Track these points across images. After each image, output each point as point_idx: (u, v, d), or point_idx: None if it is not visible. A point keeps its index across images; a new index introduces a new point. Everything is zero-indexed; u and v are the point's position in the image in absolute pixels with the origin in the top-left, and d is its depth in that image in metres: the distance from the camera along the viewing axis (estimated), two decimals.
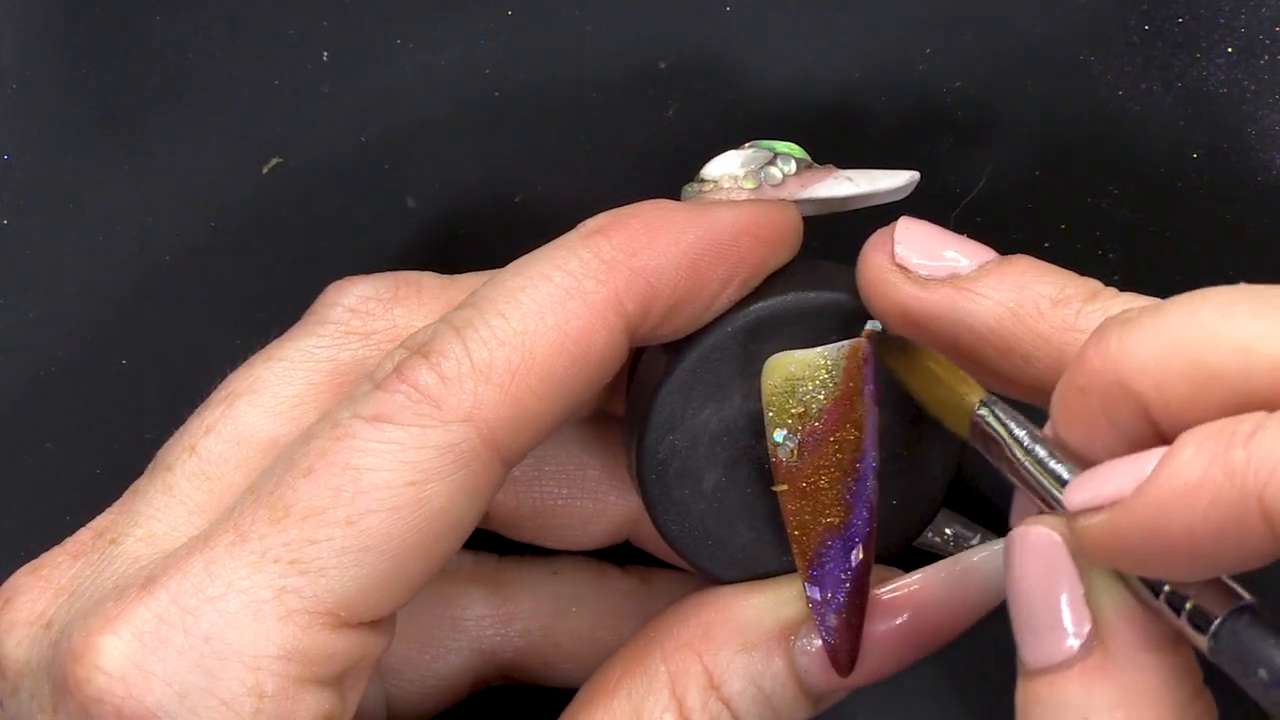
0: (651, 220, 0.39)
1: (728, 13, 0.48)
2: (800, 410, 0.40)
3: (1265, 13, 0.47)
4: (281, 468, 0.38)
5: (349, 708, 0.39)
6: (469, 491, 0.38)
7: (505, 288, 0.38)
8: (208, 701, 0.36)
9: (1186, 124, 0.47)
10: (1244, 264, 0.47)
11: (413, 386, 0.37)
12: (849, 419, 0.40)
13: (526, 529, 0.47)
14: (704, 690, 0.41)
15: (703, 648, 0.41)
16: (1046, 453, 0.36)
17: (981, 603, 0.41)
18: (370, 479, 0.37)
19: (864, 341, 0.40)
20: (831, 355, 0.40)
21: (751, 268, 0.40)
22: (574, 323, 0.38)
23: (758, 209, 0.41)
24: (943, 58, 0.48)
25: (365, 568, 0.37)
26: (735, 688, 0.41)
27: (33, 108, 0.50)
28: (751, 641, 0.41)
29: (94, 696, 0.36)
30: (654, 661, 0.41)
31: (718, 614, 0.41)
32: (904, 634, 0.41)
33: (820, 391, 0.40)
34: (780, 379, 0.40)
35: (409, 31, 0.49)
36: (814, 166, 0.42)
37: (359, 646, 0.38)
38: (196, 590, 0.37)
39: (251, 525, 0.37)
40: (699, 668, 0.41)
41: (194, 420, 0.42)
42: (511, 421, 0.38)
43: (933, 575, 0.41)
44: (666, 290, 0.39)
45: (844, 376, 0.40)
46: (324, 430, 0.38)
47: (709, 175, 0.42)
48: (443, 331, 0.38)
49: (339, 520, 0.37)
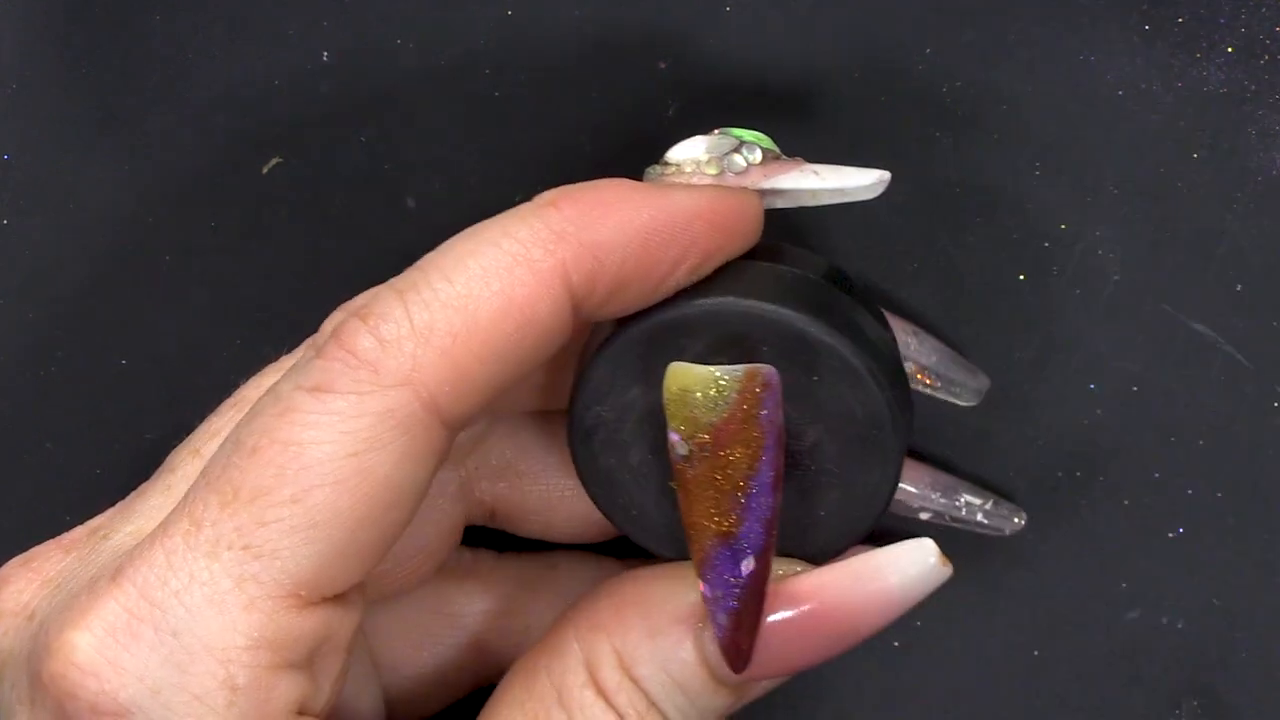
0: (606, 196, 0.39)
1: (728, 13, 0.48)
2: (691, 421, 0.40)
3: (1265, 13, 0.47)
4: (230, 448, 0.38)
5: (322, 689, 0.39)
6: (413, 457, 0.37)
7: (452, 253, 0.38)
8: (180, 696, 0.36)
9: (1186, 124, 0.47)
10: (1244, 264, 0.47)
11: (350, 352, 0.37)
12: (740, 439, 0.39)
13: (533, 525, 0.47)
14: (616, 670, 0.40)
15: (613, 629, 0.41)
16: None
17: (888, 604, 0.40)
18: (312, 453, 0.37)
19: (766, 369, 0.39)
20: (726, 376, 0.39)
21: (704, 253, 0.40)
22: (519, 290, 0.38)
23: (715, 194, 0.40)
24: (943, 57, 0.48)
25: (318, 544, 0.37)
26: (644, 671, 0.40)
27: (33, 108, 0.50)
28: (658, 626, 0.41)
29: (68, 691, 0.36)
30: (568, 641, 0.41)
31: (630, 596, 0.41)
32: (804, 627, 0.40)
33: (709, 408, 0.39)
34: (676, 387, 0.40)
35: (409, 31, 0.49)
36: (781, 157, 0.42)
37: (324, 624, 0.38)
38: (161, 583, 0.37)
39: (204, 511, 0.37)
40: (609, 648, 0.41)
41: (202, 426, 0.42)
42: (452, 385, 0.37)
43: (834, 570, 0.40)
44: (614, 266, 0.39)
45: (736, 399, 0.39)
46: (268, 406, 0.37)
47: (672, 159, 0.42)
48: (384, 294, 0.38)
49: (285, 499, 0.37)
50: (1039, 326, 0.48)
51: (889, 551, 0.40)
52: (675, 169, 0.41)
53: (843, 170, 0.42)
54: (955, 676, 0.49)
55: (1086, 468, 0.48)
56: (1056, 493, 0.48)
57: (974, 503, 0.47)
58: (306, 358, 0.38)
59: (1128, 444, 0.48)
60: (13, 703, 0.38)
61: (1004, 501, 0.47)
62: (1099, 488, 0.48)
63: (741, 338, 0.40)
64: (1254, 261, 0.47)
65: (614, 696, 0.40)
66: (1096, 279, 0.48)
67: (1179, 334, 0.48)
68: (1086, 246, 0.48)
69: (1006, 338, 0.48)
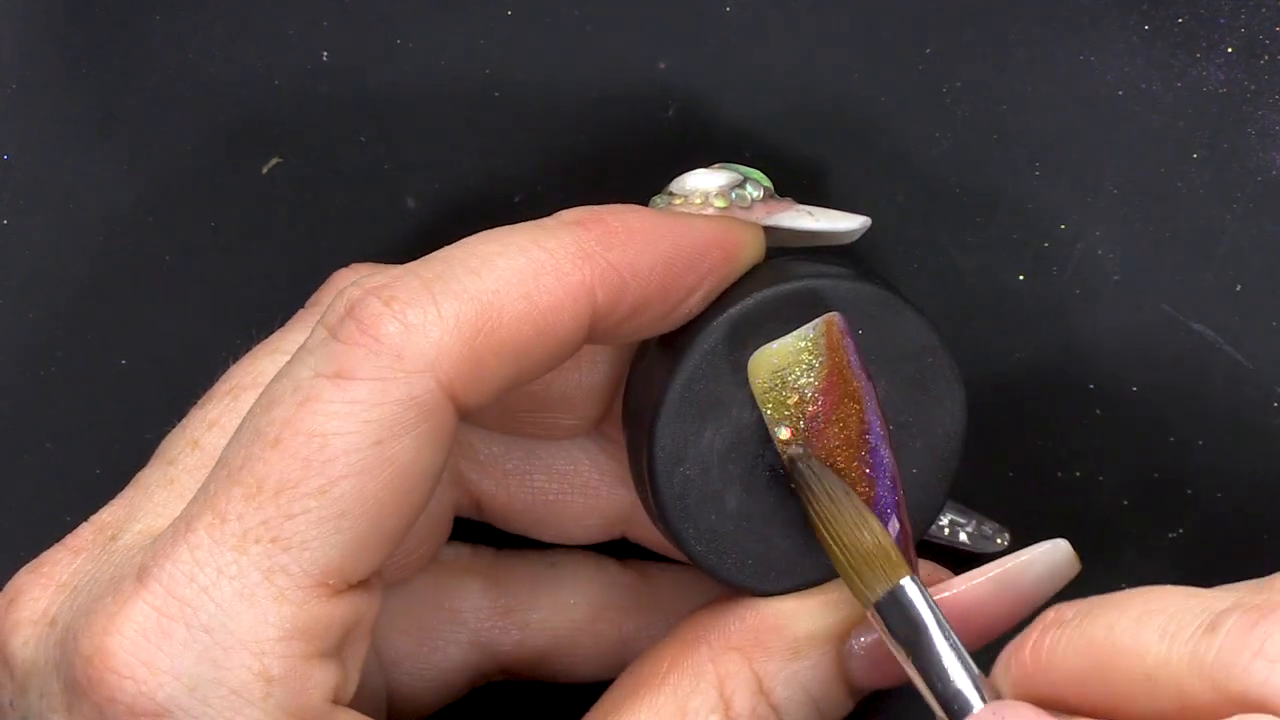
0: (630, 221, 0.40)
1: (728, 13, 0.48)
2: (795, 399, 0.40)
3: (1265, 13, 0.47)
4: (249, 438, 0.38)
5: (352, 676, 0.39)
6: (433, 443, 0.38)
7: (480, 251, 0.39)
8: (218, 691, 0.37)
9: (1186, 124, 0.47)
10: (1244, 264, 0.47)
11: (373, 337, 0.37)
12: (845, 393, 0.40)
13: (520, 523, 0.47)
14: (754, 695, 0.41)
15: (753, 653, 0.41)
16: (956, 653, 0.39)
17: (1026, 606, 0.42)
18: (337, 444, 0.37)
19: (835, 316, 0.40)
20: (809, 336, 0.40)
21: (718, 279, 0.41)
22: (545, 297, 0.38)
23: (731, 225, 0.42)
24: (943, 57, 0.48)
25: (345, 533, 0.37)
26: (784, 694, 0.41)
27: (33, 108, 0.50)
28: (803, 650, 0.42)
29: (106, 695, 0.37)
30: (702, 660, 0.41)
31: (766, 620, 0.42)
32: None
33: (809, 373, 0.40)
34: (767, 374, 0.40)
35: (409, 31, 0.49)
36: (775, 197, 0.43)
37: (353, 611, 0.38)
38: (188, 579, 0.37)
39: (228, 504, 0.37)
40: (748, 672, 0.41)
41: (197, 413, 0.42)
42: (470, 377, 0.38)
43: (983, 582, 0.42)
44: (638, 288, 0.39)
45: (827, 353, 0.40)
46: (286, 394, 0.38)
47: (681, 190, 0.43)
48: (407, 279, 0.38)
49: (312, 491, 0.37)
50: (1039, 326, 0.48)
51: (1029, 557, 0.42)
52: (683, 200, 0.42)
53: (832, 213, 0.43)
54: None
55: (1087, 468, 0.48)
56: (1057, 492, 0.48)
57: (959, 522, 0.47)
58: (319, 338, 0.38)
59: (1128, 444, 0.48)
60: (45, 711, 0.38)
61: (988, 521, 0.47)
62: (1100, 488, 0.48)
63: (781, 319, 0.40)
64: (1254, 261, 0.47)
65: (741, 718, 0.41)
66: (1096, 279, 0.48)
67: (1179, 334, 0.48)
68: (1086, 246, 0.48)
69: (1006, 338, 0.48)
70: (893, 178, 0.48)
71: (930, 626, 0.39)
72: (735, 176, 0.43)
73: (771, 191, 0.43)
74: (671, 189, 0.43)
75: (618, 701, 0.42)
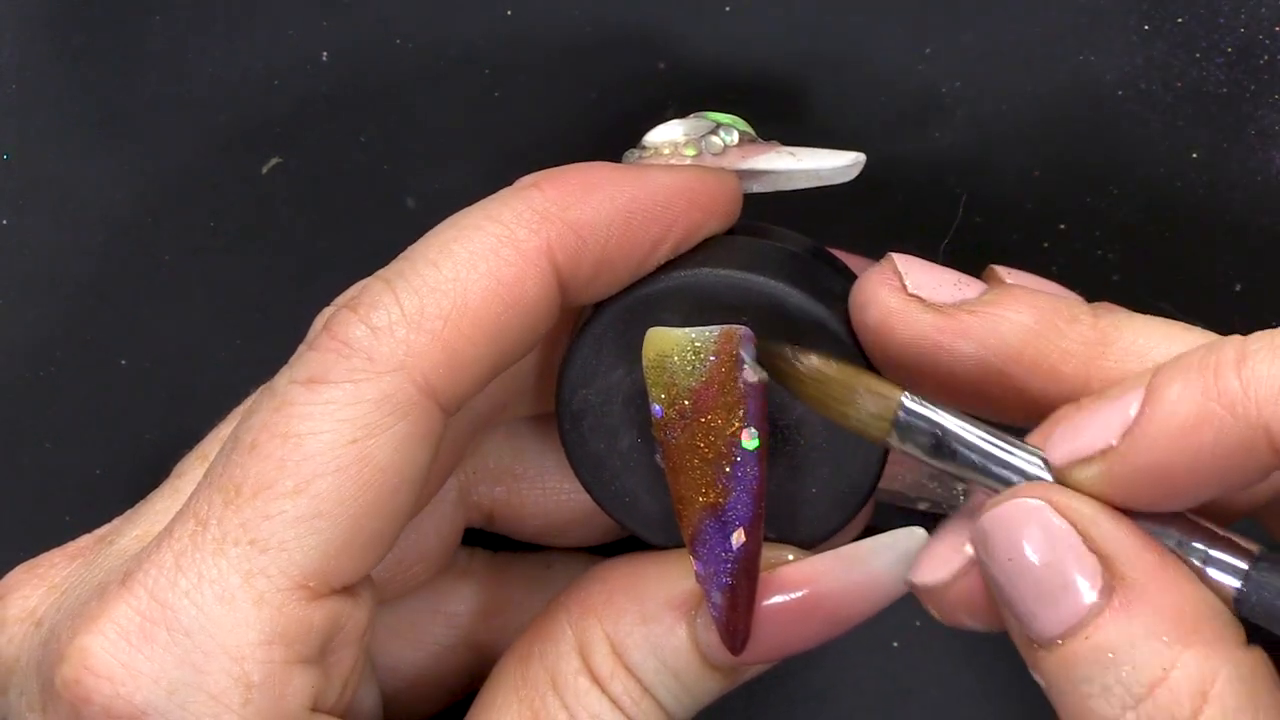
0: (587, 177, 0.40)
1: (727, 13, 0.48)
2: (670, 386, 0.40)
3: (1265, 13, 0.47)
4: (229, 447, 0.38)
5: (334, 683, 0.39)
6: (412, 441, 0.38)
7: (437, 239, 0.39)
8: (197, 696, 0.37)
9: (1186, 124, 0.47)
10: (1244, 264, 0.47)
11: (343, 343, 0.37)
12: (720, 403, 0.40)
13: (532, 527, 0.47)
14: (609, 657, 0.41)
15: (604, 614, 0.41)
16: (985, 433, 0.37)
17: (879, 590, 0.40)
18: (312, 443, 0.37)
19: (740, 329, 0.40)
20: (701, 338, 0.40)
21: (685, 231, 0.40)
22: (506, 270, 0.38)
23: (695, 174, 0.41)
24: (943, 58, 0.48)
25: (323, 534, 0.37)
26: (638, 658, 0.41)
27: (33, 108, 0.50)
28: (651, 613, 0.41)
29: (83, 697, 0.37)
30: (561, 626, 0.41)
31: (622, 582, 0.41)
32: (796, 613, 0.41)
33: (688, 372, 0.40)
34: (654, 353, 0.40)
35: (409, 31, 0.49)
36: (757, 140, 0.43)
37: (335, 616, 0.38)
38: (171, 584, 0.37)
39: (208, 510, 0.37)
40: (600, 634, 0.41)
41: (212, 432, 0.42)
42: (446, 367, 0.38)
43: (826, 557, 0.41)
44: (598, 245, 0.39)
45: (714, 362, 0.40)
46: (264, 402, 0.38)
47: (650, 142, 0.42)
48: (372, 285, 0.38)
49: (288, 491, 0.37)
50: None
51: (879, 539, 0.40)
52: (653, 152, 0.42)
53: (818, 152, 0.42)
54: (955, 676, 0.49)
55: None
56: None
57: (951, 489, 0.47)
58: (299, 352, 0.38)
59: None
60: (23, 710, 0.38)
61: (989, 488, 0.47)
62: None
63: (720, 307, 0.40)
64: (1254, 261, 0.47)
65: (608, 684, 0.41)
66: (1096, 279, 0.48)
67: None
68: (1086, 246, 0.48)
69: None
70: (892, 178, 0.48)
71: (949, 420, 0.37)
72: (706, 124, 0.42)
73: (751, 136, 0.42)
74: (644, 141, 0.42)
75: (496, 677, 0.42)
